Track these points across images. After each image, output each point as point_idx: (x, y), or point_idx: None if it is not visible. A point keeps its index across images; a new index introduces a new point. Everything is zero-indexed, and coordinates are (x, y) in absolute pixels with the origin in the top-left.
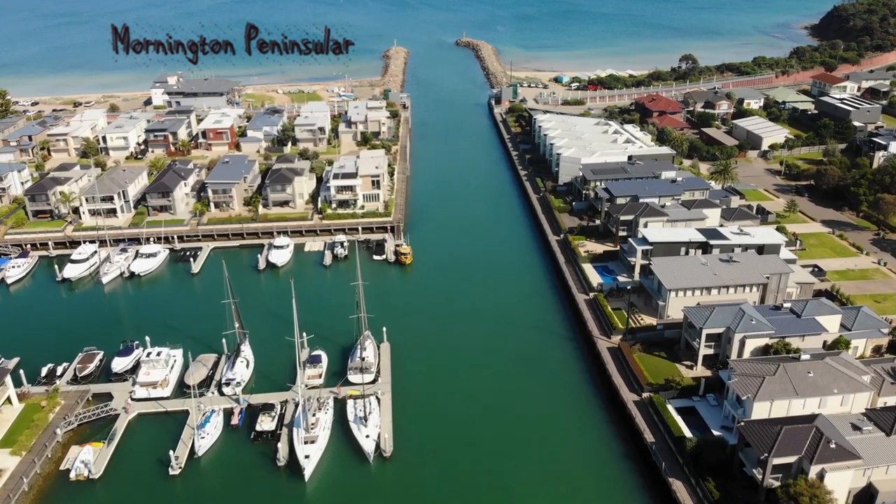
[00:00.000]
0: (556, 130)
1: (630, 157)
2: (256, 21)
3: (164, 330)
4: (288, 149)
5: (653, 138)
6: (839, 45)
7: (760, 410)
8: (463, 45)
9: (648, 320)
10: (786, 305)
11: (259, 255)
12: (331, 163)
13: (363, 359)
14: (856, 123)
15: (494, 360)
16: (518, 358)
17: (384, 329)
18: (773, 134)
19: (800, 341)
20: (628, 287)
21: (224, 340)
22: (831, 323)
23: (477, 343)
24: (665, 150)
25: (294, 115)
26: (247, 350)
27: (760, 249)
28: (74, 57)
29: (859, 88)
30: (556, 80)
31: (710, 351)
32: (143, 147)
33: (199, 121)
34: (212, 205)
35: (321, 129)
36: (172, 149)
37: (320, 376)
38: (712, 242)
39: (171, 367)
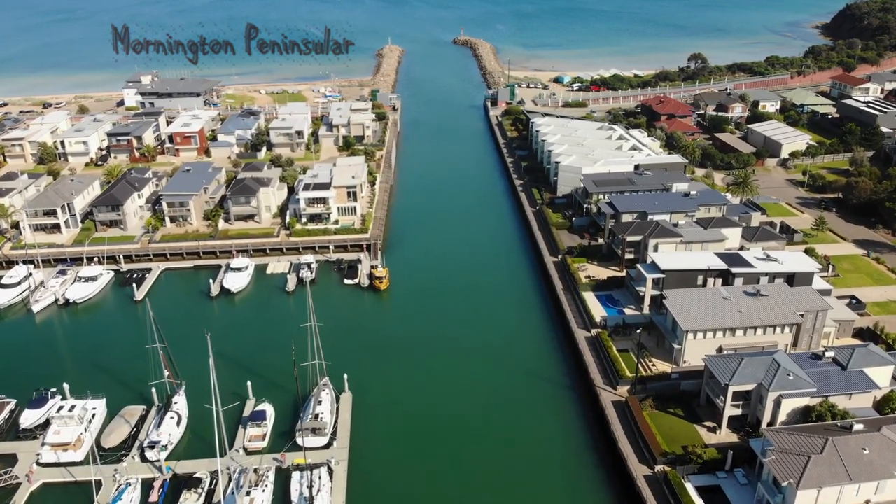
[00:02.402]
0: (556, 135)
1: (637, 167)
2: (252, 18)
3: (91, 373)
4: (262, 154)
5: (661, 144)
6: (857, 45)
7: (805, 500)
8: (460, 44)
9: (661, 366)
10: (828, 354)
11: (211, 280)
12: (306, 170)
13: (317, 416)
14: (883, 129)
15: (477, 416)
16: (507, 415)
17: (345, 377)
18: (794, 140)
19: (846, 400)
20: (638, 331)
21: (154, 390)
22: (882, 376)
23: (458, 393)
24: (675, 158)
25: (272, 117)
26: (180, 403)
27: (791, 279)
28: (58, 55)
29: (882, 90)
30: (557, 80)
31: (738, 411)
32: (104, 153)
33: (171, 123)
34: (167, 219)
35: (299, 133)
36: (137, 154)
37: (264, 437)
38: (734, 270)
39: (88, 424)
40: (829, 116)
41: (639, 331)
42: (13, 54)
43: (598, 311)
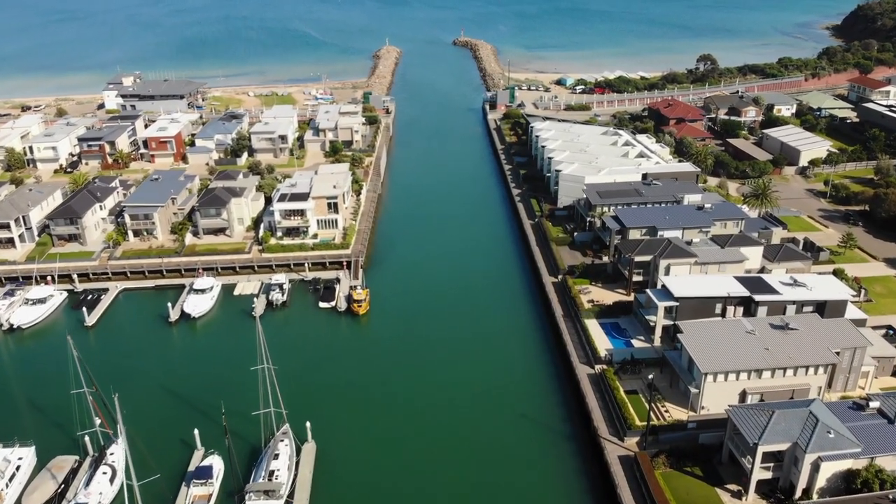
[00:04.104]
0: (556, 141)
1: (645, 176)
2: (249, 18)
3: (25, 413)
4: (243, 160)
5: (671, 151)
6: (873, 46)
7: None
8: (460, 45)
9: (675, 411)
10: (872, 405)
11: (170, 304)
12: (289, 178)
13: (272, 473)
14: None
15: (464, 472)
16: (498, 472)
17: (308, 425)
18: (813, 146)
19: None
20: (650, 376)
21: (87, 438)
22: None
23: (441, 443)
24: (687, 166)
25: (256, 120)
26: (116, 454)
27: (821, 307)
28: (46, 56)
29: None
30: (559, 82)
31: (768, 474)
32: (75, 159)
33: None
34: (130, 233)
35: (282, 138)
36: (109, 161)
37: (209, 499)
38: (758, 298)
39: (11, 477)
40: (849, 121)
41: (651, 376)
42: (3, 55)
43: (602, 342)
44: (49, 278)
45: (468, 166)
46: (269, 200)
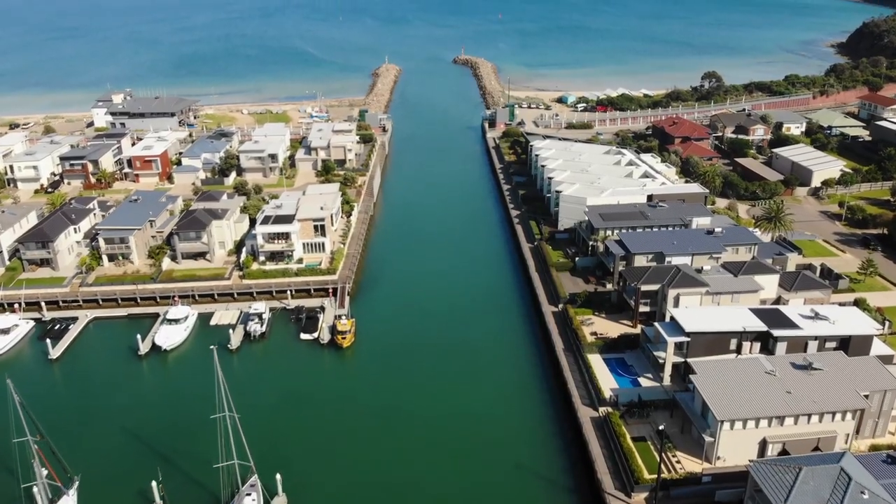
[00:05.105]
0: (557, 160)
1: (650, 197)
2: (250, 37)
3: None
4: (230, 180)
5: (677, 171)
6: (882, 63)
7: None
8: (461, 63)
9: (687, 462)
10: None
11: (139, 335)
12: (275, 198)
13: None
14: None
15: None
16: None
17: (278, 477)
18: (825, 166)
19: None
20: (660, 426)
21: (36, 490)
22: None
23: (428, 497)
24: (694, 187)
25: (246, 138)
26: None
27: (845, 343)
28: (41, 73)
29: None
30: (560, 100)
31: None
32: (57, 178)
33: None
34: (104, 258)
35: (272, 157)
36: (92, 180)
37: None
38: (776, 333)
39: None
40: (861, 140)
41: (661, 426)
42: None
43: (606, 380)
44: (16, 306)
45: (465, 186)
46: (253, 222)
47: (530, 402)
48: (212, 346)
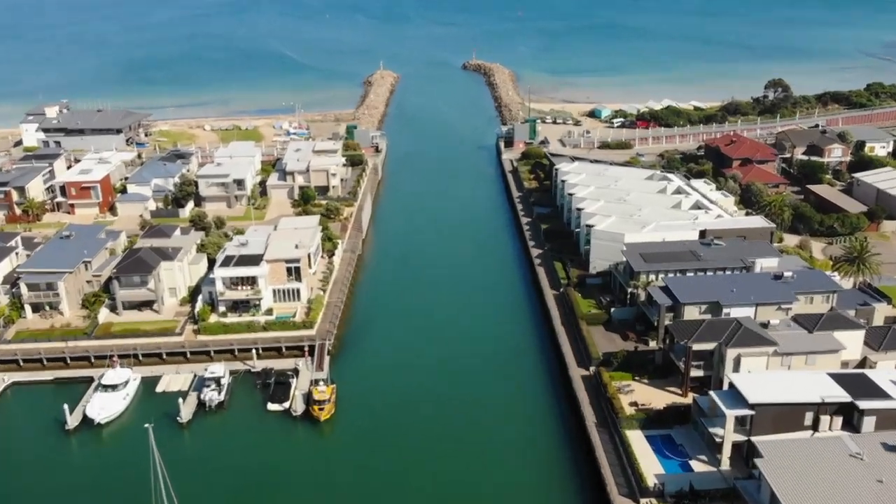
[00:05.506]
0: (588, 187)
1: (703, 234)
2: (216, 36)
3: None
4: (187, 212)
5: (736, 201)
6: None
7: None
8: (472, 69)
9: None
10: None
11: (67, 405)
12: (241, 234)
13: None
14: None
15: None
16: None
17: None
18: None
19: None
20: None
21: None
22: None
23: None
24: (757, 220)
25: (208, 160)
26: None
27: None
28: None
29: None
30: (592, 114)
31: None
32: None
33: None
34: (27, 308)
35: (238, 183)
36: (17, 211)
37: None
38: (863, 406)
39: None
40: None
41: None
42: None
43: (650, 464)
44: None
45: (475, 219)
46: (213, 264)
47: (555, 492)
48: (147, 425)
